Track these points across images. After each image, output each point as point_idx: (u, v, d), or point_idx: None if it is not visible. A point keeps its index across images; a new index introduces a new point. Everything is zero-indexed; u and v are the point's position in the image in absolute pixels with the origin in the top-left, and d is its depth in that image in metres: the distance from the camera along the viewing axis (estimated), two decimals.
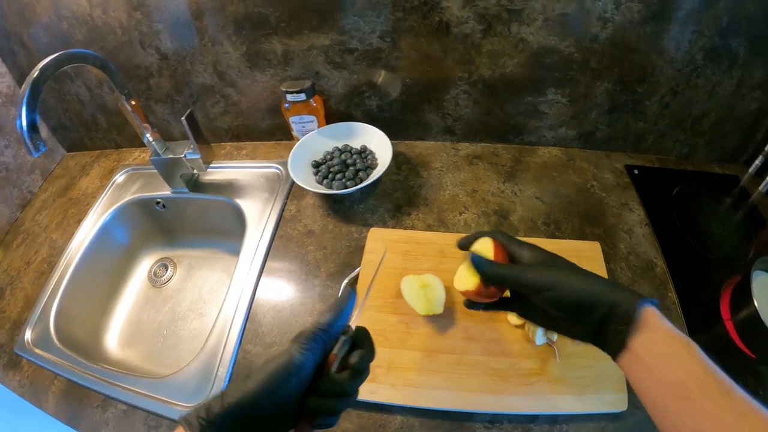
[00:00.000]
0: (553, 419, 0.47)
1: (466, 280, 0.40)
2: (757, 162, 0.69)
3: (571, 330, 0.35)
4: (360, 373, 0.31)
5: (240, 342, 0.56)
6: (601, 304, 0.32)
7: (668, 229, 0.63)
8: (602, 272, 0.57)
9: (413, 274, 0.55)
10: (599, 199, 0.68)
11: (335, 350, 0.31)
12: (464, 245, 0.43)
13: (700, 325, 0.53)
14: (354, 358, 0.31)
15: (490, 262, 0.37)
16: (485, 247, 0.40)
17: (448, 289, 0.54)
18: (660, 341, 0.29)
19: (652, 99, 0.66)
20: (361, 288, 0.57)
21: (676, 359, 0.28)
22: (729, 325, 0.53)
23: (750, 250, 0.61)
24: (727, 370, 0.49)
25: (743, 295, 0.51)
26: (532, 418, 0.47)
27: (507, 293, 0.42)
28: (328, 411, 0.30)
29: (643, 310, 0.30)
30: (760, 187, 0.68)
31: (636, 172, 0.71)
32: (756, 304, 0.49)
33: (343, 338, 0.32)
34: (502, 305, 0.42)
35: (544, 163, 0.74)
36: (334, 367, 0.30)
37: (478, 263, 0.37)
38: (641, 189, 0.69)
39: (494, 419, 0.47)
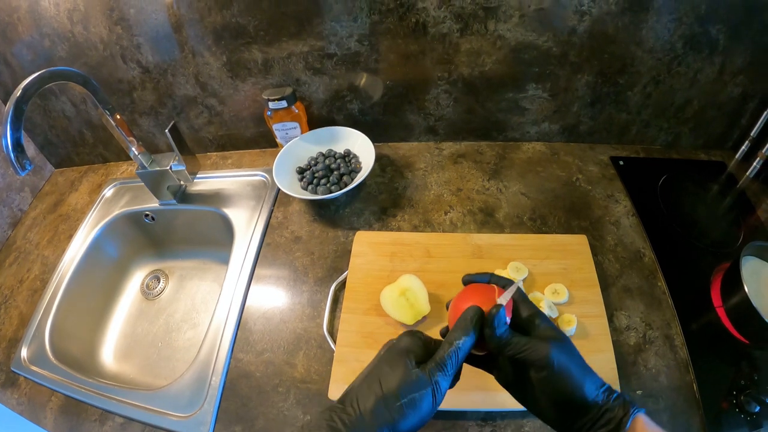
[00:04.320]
0: None
1: None
2: (744, 147, 0.69)
3: (548, 417, 0.33)
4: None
5: (232, 350, 0.56)
6: (594, 407, 0.30)
7: (656, 219, 0.63)
8: (590, 265, 0.57)
9: (388, 286, 0.54)
10: (585, 192, 0.68)
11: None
12: (468, 282, 0.39)
13: (692, 313, 0.53)
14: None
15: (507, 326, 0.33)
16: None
17: (430, 284, 0.54)
18: None
19: (634, 89, 0.66)
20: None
21: None
22: (720, 312, 0.53)
23: (739, 236, 0.61)
24: (720, 357, 0.49)
25: (733, 281, 0.51)
26: (524, 415, 0.47)
27: None
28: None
29: (632, 422, 0.29)
30: (748, 172, 0.68)
31: (621, 163, 0.71)
32: (746, 289, 0.48)
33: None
34: (485, 363, 0.38)
35: (528, 159, 0.74)
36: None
37: (499, 323, 0.32)
38: (627, 180, 0.69)
39: (487, 417, 0.47)
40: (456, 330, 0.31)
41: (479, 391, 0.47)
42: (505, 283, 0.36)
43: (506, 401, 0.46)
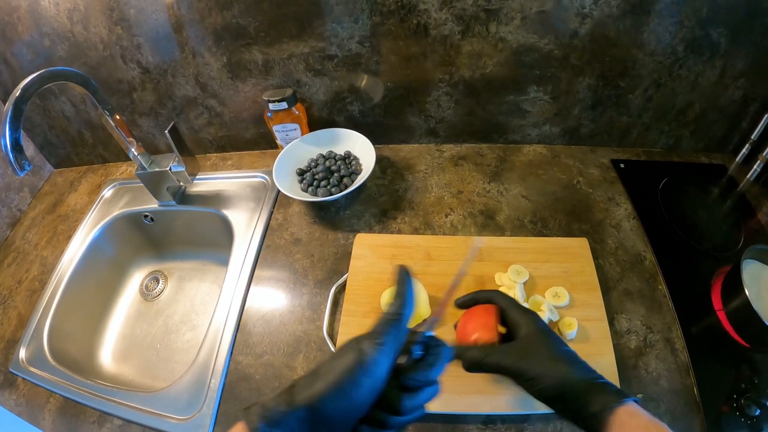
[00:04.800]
0: (546, 418, 0.47)
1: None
2: (744, 150, 0.69)
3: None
4: (413, 389, 0.28)
5: (231, 353, 0.56)
6: (575, 400, 0.33)
7: (656, 222, 0.63)
8: (590, 268, 0.56)
9: (389, 288, 0.54)
10: (586, 194, 0.68)
11: (400, 359, 0.28)
12: (462, 305, 0.46)
13: (692, 317, 0.53)
14: (409, 371, 0.28)
15: (470, 349, 0.38)
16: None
17: (430, 287, 0.54)
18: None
19: (635, 92, 0.66)
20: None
21: None
22: (721, 315, 0.53)
23: (740, 239, 0.61)
24: (720, 361, 0.49)
25: (734, 285, 0.51)
26: (525, 418, 0.47)
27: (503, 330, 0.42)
28: (379, 425, 0.27)
29: (616, 411, 0.31)
30: (748, 175, 0.68)
31: (622, 166, 0.71)
32: (747, 292, 0.48)
33: (413, 346, 0.29)
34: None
35: (529, 162, 0.74)
36: (394, 379, 0.28)
37: (459, 354, 0.38)
38: (628, 183, 0.68)
39: (488, 420, 0.47)
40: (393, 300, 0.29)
41: (480, 395, 0.47)
42: (491, 297, 0.42)
43: (507, 404, 0.46)
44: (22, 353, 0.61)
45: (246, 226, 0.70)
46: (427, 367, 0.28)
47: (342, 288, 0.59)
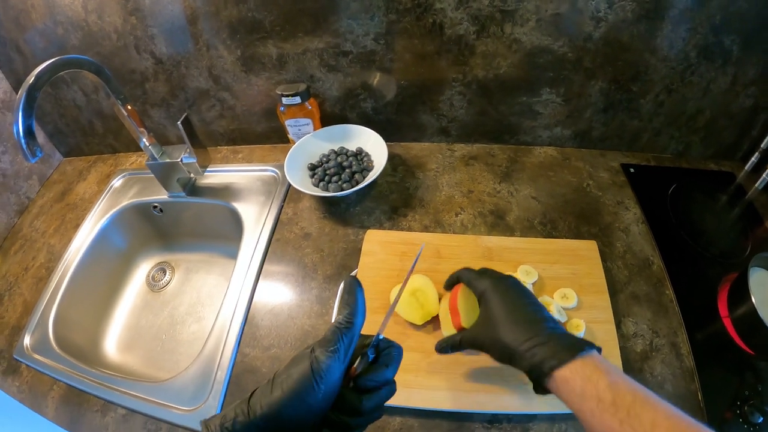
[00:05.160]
0: (552, 418, 0.47)
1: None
2: (754, 159, 0.69)
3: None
4: (371, 390, 0.29)
5: (238, 345, 0.56)
6: (521, 363, 0.36)
7: (665, 227, 0.63)
8: (599, 271, 0.57)
9: (398, 285, 0.54)
10: (595, 198, 0.68)
11: (355, 363, 0.30)
12: (448, 286, 0.50)
13: (698, 322, 0.53)
14: (366, 373, 0.29)
15: (442, 341, 0.45)
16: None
17: (440, 285, 0.54)
18: (572, 392, 0.32)
19: (646, 97, 0.66)
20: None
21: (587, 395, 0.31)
22: (727, 322, 0.53)
23: (747, 247, 0.61)
24: (725, 367, 0.49)
25: (741, 292, 0.51)
26: (531, 418, 0.47)
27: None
28: (342, 428, 0.28)
29: (557, 373, 0.33)
30: (756, 184, 0.68)
31: (632, 170, 0.71)
32: (753, 300, 0.49)
33: (366, 350, 0.30)
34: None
35: (539, 163, 0.74)
36: (352, 383, 0.29)
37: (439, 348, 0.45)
38: (637, 187, 0.69)
39: (493, 419, 0.47)
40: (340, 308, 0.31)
41: (485, 393, 0.47)
42: (457, 276, 0.46)
43: (513, 403, 0.46)
44: (27, 340, 0.61)
45: (256, 220, 0.70)
46: (381, 368, 0.30)
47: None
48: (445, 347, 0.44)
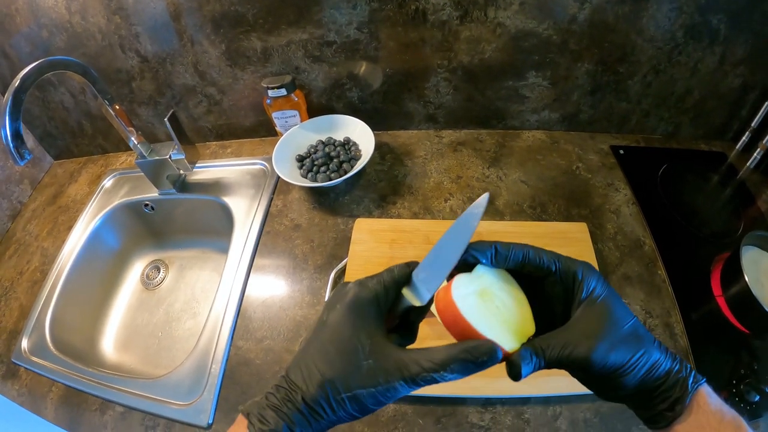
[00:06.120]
0: (546, 401, 0.47)
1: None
2: (744, 138, 0.69)
3: (609, 395, 0.29)
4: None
5: (231, 338, 0.56)
6: (671, 386, 0.26)
7: (656, 208, 0.63)
8: (590, 253, 0.57)
9: (461, 276, 0.29)
10: (585, 180, 0.68)
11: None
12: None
13: (692, 302, 0.53)
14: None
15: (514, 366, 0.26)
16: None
17: None
18: (708, 426, 0.25)
19: (634, 78, 0.66)
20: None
21: None
22: (720, 301, 0.53)
23: (739, 226, 0.61)
24: (720, 346, 0.49)
25: (733, 271, 0.51)
26: (525, 401, 0.47)
27: None
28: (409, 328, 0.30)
29: (693, 396, 0.26)
30: (748, 163, 0.68)
31: (621, 152, 0.71)
32: (747, 279, 0.48)
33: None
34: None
35: (528, 147, 0.74)
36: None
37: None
38: (627, 169, 0.68)
39: (487, 403, 0.47)
40: (449, 361, 0.24)
41: (479, 377, 0.46)
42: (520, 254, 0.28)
43: (507, 387, 0.46)
44: (25, 344, 0.61)
45: (246, 213, 0.70)
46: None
47: (342, 272, 0.59)
48: (519, 372, 0.26)
